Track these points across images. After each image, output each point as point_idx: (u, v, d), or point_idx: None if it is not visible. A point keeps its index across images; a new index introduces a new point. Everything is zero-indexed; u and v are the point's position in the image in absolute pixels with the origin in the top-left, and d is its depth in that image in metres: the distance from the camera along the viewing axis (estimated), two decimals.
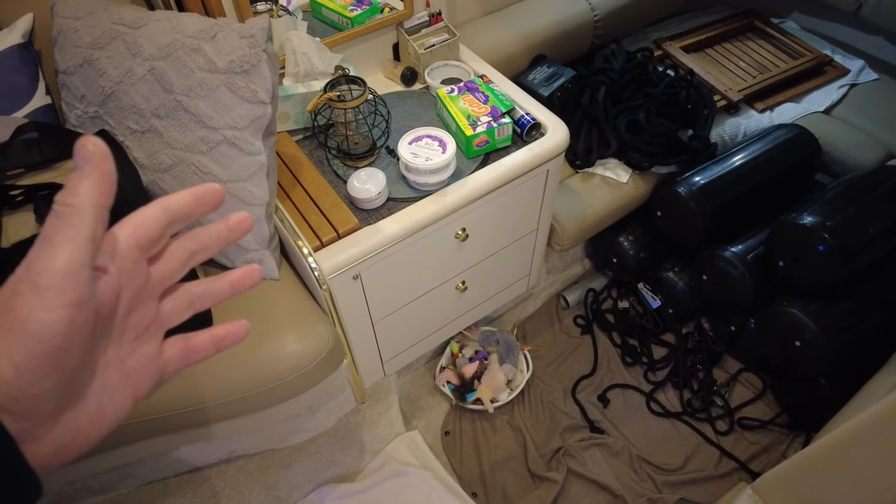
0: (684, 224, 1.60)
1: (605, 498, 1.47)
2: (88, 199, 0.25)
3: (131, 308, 0.29)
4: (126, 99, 1.00)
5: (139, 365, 0.30)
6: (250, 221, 0.33)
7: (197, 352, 0.33)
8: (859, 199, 1.43)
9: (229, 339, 0.34)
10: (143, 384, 0.30)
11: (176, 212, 0.30)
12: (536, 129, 1.28)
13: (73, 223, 0.25)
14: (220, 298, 0.34)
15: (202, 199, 0.31)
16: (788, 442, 1.56)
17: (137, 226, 0.29)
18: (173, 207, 0.30)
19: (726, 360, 1.72)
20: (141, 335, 0.30)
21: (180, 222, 0.30)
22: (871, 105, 1.79)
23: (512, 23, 1.67)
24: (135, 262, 0.29)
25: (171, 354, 0.32)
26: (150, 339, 0.31)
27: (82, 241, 0.25)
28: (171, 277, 0.32)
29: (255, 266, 0.35)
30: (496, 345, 1.68)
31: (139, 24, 1.00)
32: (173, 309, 0.32)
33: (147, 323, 0.30)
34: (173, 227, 0.30)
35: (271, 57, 0.98)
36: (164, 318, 0.32)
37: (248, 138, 1.00)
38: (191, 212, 0.31)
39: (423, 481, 1.44)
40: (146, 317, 0.30)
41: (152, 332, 0.31)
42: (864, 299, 1.42)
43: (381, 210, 1.15)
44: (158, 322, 0.31)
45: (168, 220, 0.30)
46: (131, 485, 1.36)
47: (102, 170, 0.26)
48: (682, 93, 1.65)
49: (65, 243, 0.24)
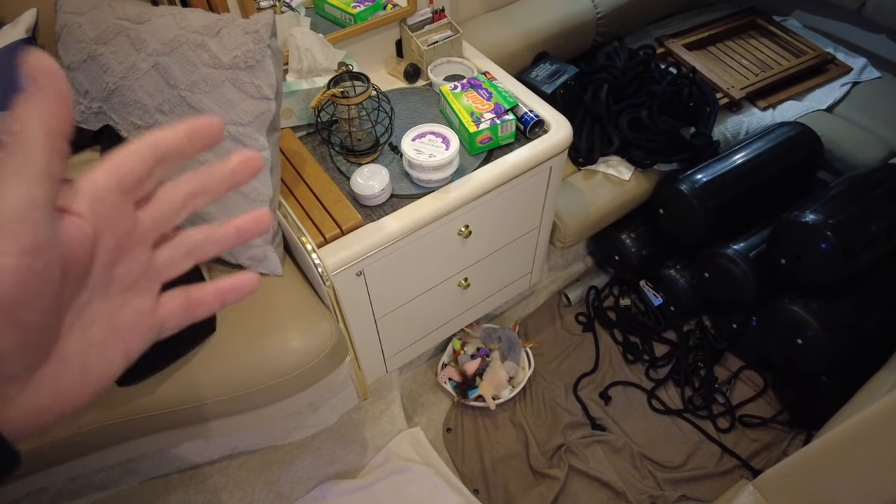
0: (686, 222, 1.60)
1: (607, 495, 1.48)
2: (37, 126, 0.21)
3: (116, 257, 0.26)
4: (130, 94, 1.00)
5: (130, 320, 0.27)
6: (258, 162, 0.30)
7: (199, 305, 0.30)
8: (862, 197, 1.43)
9: (235, 292, 0.31)
10: (137, 341, 0.27)
11: (164, 148, 0.26)
12: (539, 126, 1.28)
13: (21, 155, 0.21)
14: (225, 246, 0.30)
15: (196, 133, 0.27)
16: (790, 439, 1.56)
17: (118, 164, 0.25)
18: (160, 143, 0.26)
19: (728, 357, 1.72)
20: (131, 287, 0.27)
21: (171, 161, 0.27)
22: (874, 103, 1.79)
23: (515, 20, 1.67)
24: (115, 205, 0.25)
25: (170, 308, 0.29)
26: (143, 292, 0.27)
27: (33, 177, 0.21)
28: (166, 223, 0.28)
29: (265, 211, 0.31)
30: (498, 342, 1.69)
31: (143, 19, 1.00)
32: (170, 258, 0.29)
33: (138, 274, 0.27)
34: (163, 167, 0.26)
35: (275, 53, 0.98)
36: (159, 269, 0.28)
37: (252, 134, 1.00)
38: (182, 148, 0.27)
39: (425, 478, 1.45)
40: (136, 267, 0.27)
41: (145, 283, 0.27)
42: (866, 297, 1.43)
43: (384, 207, 1.15)
44: (153, 273, 0.28)
45: (154, 157, 0.26)
46: (134, 481, 1.36)
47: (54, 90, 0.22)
48: (684, 90, 1.65)
49: (12, 180, 0.20)
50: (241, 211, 0.96)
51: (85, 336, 0.25)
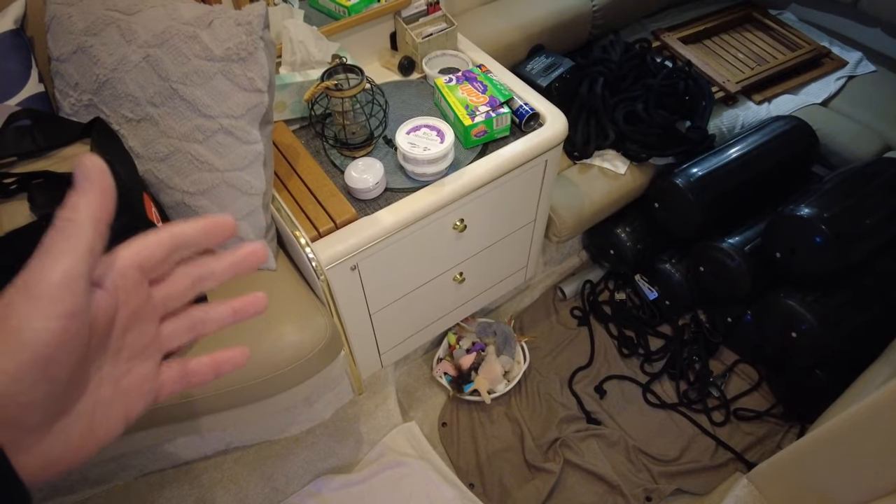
0: (682, 215, 1.60)
1: (602, 488, 1.48)
2: (86, 214, 0.26)
3: (129, 327, 0.29)
4: (121, 87, 0.99)
5: (134, 385, 0.30)
6: (265, 253, 0.34)
7: (194, 375, 0.33)
8: (856, 190, 1.43)
9: (228, 364, 0.34)
10: (136, 404, 0.30)
11: (182, 238, 0.30)
12: (535, 120, 1.28)
13: (71, 235, 0.25)
14: (223, 324, 0.34)
15: (212, 230, 0.31)
16: (784, 432, 1.56)
17: (141, 248, 0.29)
18: (180, 234, 0.30)
19: (723, 351, 1.73)
20: (137, 355, 0.30)
21: (186, 249, 0.31)
22: (869, 97, 1.79)
23: (510, 12, 1.66)
24: (135, 281, 0.29)
25: (168, 377, 0.32)
26: (147, 360, 0.31)
27: (80, 253, 0.25)
28: (175, 300, 0.32)
29: (260, 295, 0.35)
30: (493, 336, 1.68)
31: (133, 10, 0.98)
32: (174, 332, 0.32)
33: (145, 343, 0.30)
34: (179, 253, 0.31)
35: (268, 45, 0.97)
36: (163, 340, 0.32)
37: (245, 127, 0.99)
38: (198, 241, 0.31)
39: (420, 472, 1.45)
40: (144, 337, 0.30)
41: (150, 352, 0.31)
42: (860, 291, 1.43)
43: (378, 200, 1.15)
44: (157, 343, 0.31)
45: (173, 244, 0.30)
46: (128, 476, 1.36)
47: (101, 186, 0.26)
48: (680, 84, 1.64)
49: (62, 255, 0.25)
50: (233, 203, 0.95)
51: (95, 395, 0.28)
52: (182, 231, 0.30)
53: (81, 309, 0.25)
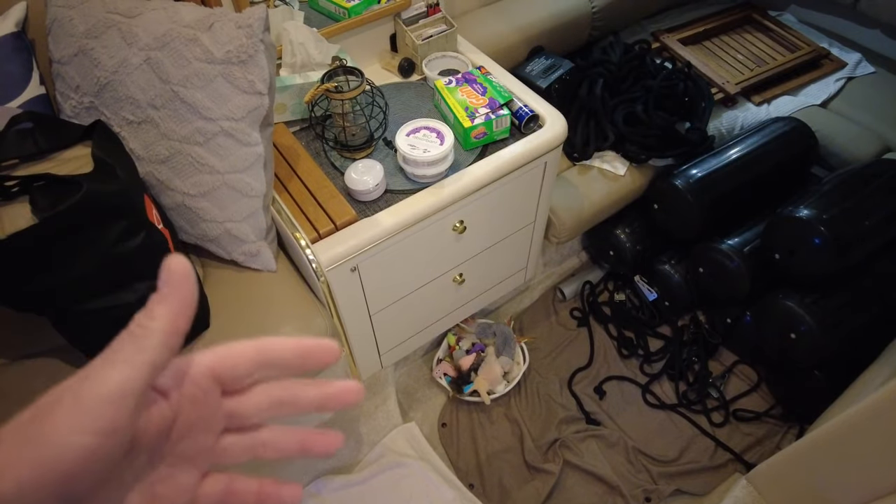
0: (681, 217, 1.60)
1: (601, 489, 1.48)
2: (161, 324, 0.24)
3: (185, 435, 0.27)
4: (122, 89, 0.99)
5: (169, 493, 0.27)
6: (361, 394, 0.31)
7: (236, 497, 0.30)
8: (855, 192, 1.43)
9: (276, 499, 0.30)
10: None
11: (272, 358, 0.28)
12: (534, 121, 1.28)
13: (139, 346, 0.23)
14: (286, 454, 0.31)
15: (311, 355, 0.28)
16: (783, 433, 1.57)
17: (223, 357, 0.27)
18: (271, 352, 0.28)
19: (722, 352, 1.73)
20: (184, 463, 0.28)
21: (276, 369, 0.28)
22: (868, 98, 1.79)
23: (510, 14, 1.66)
24: (205, 391, 0.27)
25: (209, 491, 0.29)
26: (193, 469, 0.28)
27: (141, 366, 0.23)
28: (244, 418, 0.29)
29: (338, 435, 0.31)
30: (493, 337, 1.69)
31: (134, 13, 0.99)
32: (232, 447, 0.29)
33: (195, 453, 0.28)
34: (266, 371, 0.28)
35: (269, 47, 0.97)
36: (217, 453, 0.29)
37: (246, 129, 0.99)
38: (291, 364, 0.28)
39: (420, 473, 1.45)
40: (197, 447, 0.28)
41: (199, 462, 0.28)
42: (859, 292, 1.43)
43: (378, 202, 1.15)
44: (210, 455, 0.29)
45: (261, 361, 0.28)
46: None
47: (183, 293, 0.25)
48: (679, 85, 1.65)
49: (123, 365, 0.23)
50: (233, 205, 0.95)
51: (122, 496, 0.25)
52: (274, 349, 0.28)
53: (123, 427, 0.22)
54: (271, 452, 0.30)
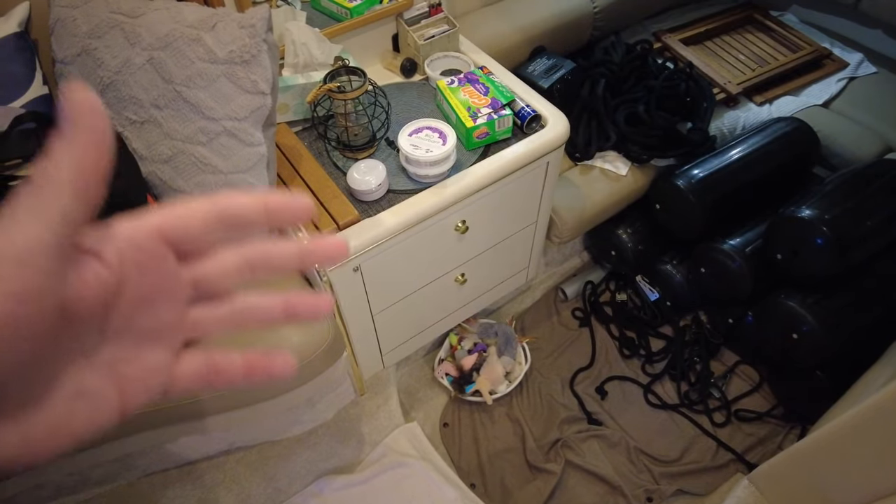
0: (683, 217, 1.60)
1: (603, 489, 1.48)
2: (66, 169, 0.20)
3: (140, 306, 0.24)
4: (125, 89, 1.00)
5: (137, 374, 0.24)
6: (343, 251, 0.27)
7: (221, 375, 0.26)
8: (857, 192, 1.43)
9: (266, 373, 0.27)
10: (137, 397, 0.24)
11: (232, 214, 0.24)
12: (537, 121, 1.28)
13: (44, 198, 0.20)
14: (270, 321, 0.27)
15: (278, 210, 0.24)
16: (784, 434, 1.57)
17: (172, 216, 0.24)
18: (229, 208, 0.24)
19: (724, 352, 1.73)
20: (149, 340, 0.24)
21: (237, 228, 0.24)
22: (870, 98, 1.79)
23: (512, 14, 1.66)
24: (154, 255, 0.23)
25: (187, 370, 0.26)
26: (162, 347, 0.25)
27: (50, 220, 0.20)
28: (212, 284, 0.26)
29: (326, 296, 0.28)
30: (495, 337, 1.69)
31: (137, 13, 0.99)
32: (205, 319, 0.26)
33: (160, 326, 0.25)
34: (225, 230, 0.24)
35: (272, 47, 0.97)
36: (188, 326, 0.26)
37: (249, 129, 0.99)
38: (256, 220, 0.24)
39: (422, 472, 1.45)
40: (161, 319, 0.24)
41: (167, 339, 0.25)
42: (862, 292, 1.43)
43: (381, 202, 1.15)
44: (179, 329, 0.25)
45: (217, 217, 0.24)
46: (131, 476, 1.36)
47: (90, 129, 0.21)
48: (681, 85, 1.65)
49: (28, 221, 0.19)
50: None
51: (79, 382, 0.22)
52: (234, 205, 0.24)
53: (43, 289, 0.19)
54: (252, 321, 0.27)
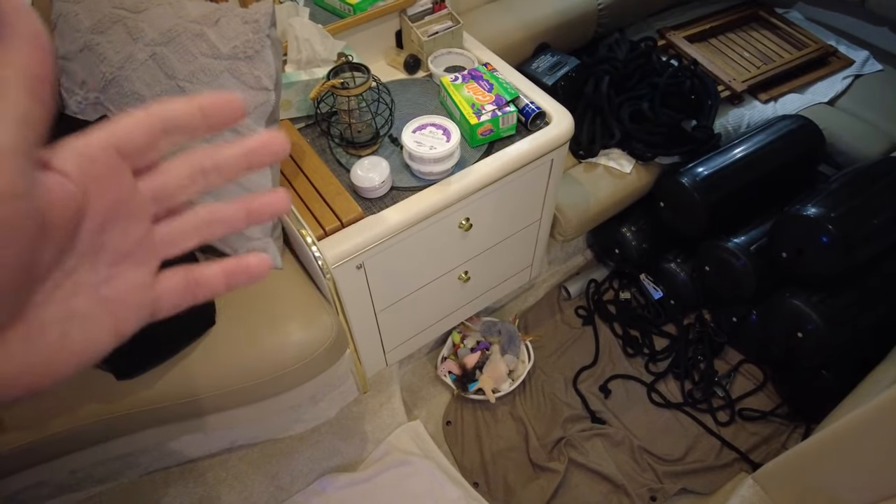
0: (687, 215, 1.59)
1: (607, 488, 1.48)
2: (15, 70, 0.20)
3: (107, 224, 0.24)
4: (128, 85, 0.99)
5: (121, 294, 0.25)
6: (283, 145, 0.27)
7: (202, 286, 0.28)
8: (863, 190, 1.42)
9: (244, 274, 0.29)
10: (128, 317, 0.26)
11: (171, 119, 0.25)
12: (541, 118, 1.27)
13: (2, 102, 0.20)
14: (233, 226, 0.28)
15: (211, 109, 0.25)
16: (789, 433, 1.56)
17: (118, 128, 0.24)
18: (170, 114, 0.25)
19: (727, 351, 1.72)
20: (124, 259, 0.26)
21: (179, 134, 0.25)
22: (876, 96, 1.78)
23: (516, 11, 1.65)
24: (110, 167, 0.24)
25: (168, 286, 0.27)
26: (138, 266, 0.26)
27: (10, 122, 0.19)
28: (170, 196, 0.27)
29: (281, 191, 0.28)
30: (498, 335, 1.68)
31: (140, 8, 0.98)
32: (172, 233, 0.27)
33: (132, 245, 0.26)
34: (169, 137, 0.25)
35: (275, 43, 0.97)
36: (158, 244, 0.27)
37: (252, 125, 0.99)
38: (193, 123, 0.25)
39: (425, 471, 1.45)
40: (130, 237, 0.25)
41: (140, 256, 0.26)
42: (867, 291, 1.42)
43: (384, 199, 1.15)
44: (150, 246, 0.26)
45: (160, 125, 0.25)
46: (133, 474, 1.36)
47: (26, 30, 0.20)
48: (685, 83, 1.64)
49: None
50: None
51: (67, 304, 0.24)
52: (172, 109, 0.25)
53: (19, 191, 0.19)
54: (217, 228, 0.28)
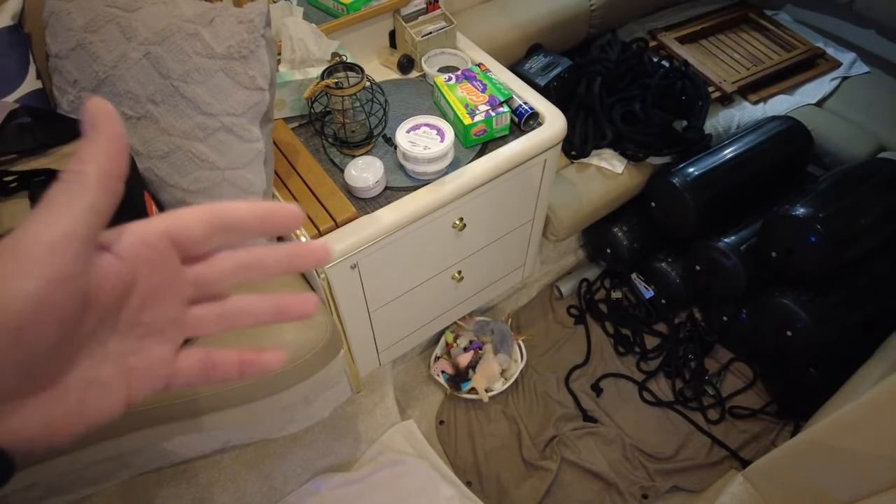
0: (678, 215, 1.61)
1: (599, 486, 1.49)
2: (93, 167, 0.23)
3: (148, 303, 0.27)
4: (121, 84, 0.99)
5: (144, 366, 0.27)
6: (327, 253, 0.30)
7: (217, 369, 0.30)
8: (851, 190, 1.44)
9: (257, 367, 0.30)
10: (142, 388, 0.27)
11: (230, 220, 0.27)
12: (534, 119, 1.28)
13: (74, 191, 0.22)
14: (261, 320, 0.30)
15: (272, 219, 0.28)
16: (778, 430, 1.58)
17: (176, 218, 0.27)
18: (228, 215, 0.27)
19: (718, 349, 1.74)
20: (154, 334, 0.27)
21: (233, 232, 0.27)
22: (863, 98, 1.80)
23: (509, 11, 1.66)
24: (162, 253, 0.26)
25: (186, 365, 0.29)
26: (164, 342, 0.28)
27: (80, 211, 0.22)
28: (211, 285, 0.29)
29: (311, 296, 0.31)
30: (491, 334, 1.69)
31: (134, 7, 0.98)
32: (203, 317, 0.29)
33: (164, 323, 0.28)
34: (223, 234, 0.27)
35: (270, 42, 0.96)
36: (188, 324, 0.29)
37: (246, 125, 0.98)
38: (251, 227, 0.28)
39: (418, 470, 1.45)
40: (165, 316, 0.27)
41: (169, 334, 0.28)
42: (855, 290, 1.44)
43: (378, 199, 1.15)
44: (180, 326, 0.29)
45: (216, 223, 0.27)
46: (125, 475, 1.35)
47: (110, 133, 0.24)
48: (677, 84, 1.65)
49: (60, 212, 0.22)
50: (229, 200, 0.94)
51: (92, 371, 0.25)
52: (231, 212, 0.27)
53: (72, 275, 0.22)
54: (246, 319, 0.30)
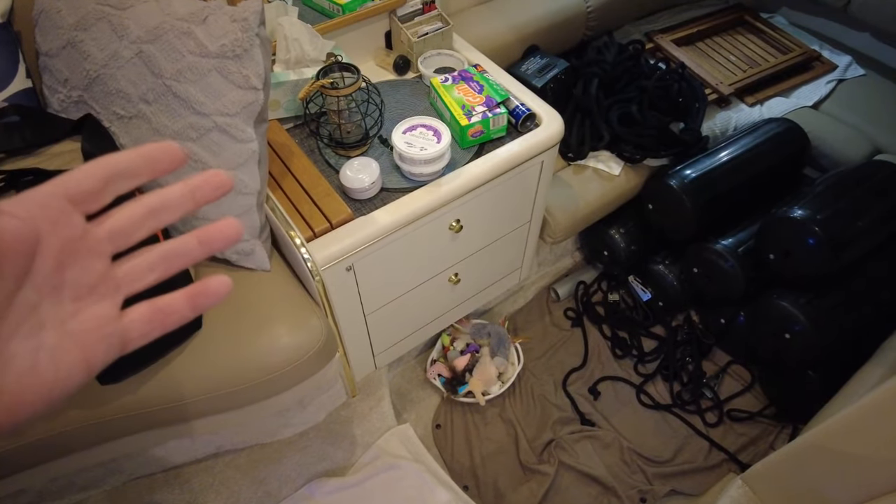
0: (675, 217, 1.60)
1: (597, 490, 1.48)
2: None
3: (65, 262, 0.27)
4: (112, 83, 0.97)
5: (87, 327, 0.28)
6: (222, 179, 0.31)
7: (167, 313, 0.30)
8: (848, 193, 1.44)
9: (206, 296, 0.31)
10: (97, 350, 0.28)
11: (116, 167, 0.28)
12: (531, 120, 1.27)
13: None
14: (190, 258, 0.31)
15: (153, 156, 0.29)
16: (776, 433, 1.57)
17: (67, 178, 0.27)
18: (114, 163, 0.28)
19: (716, 352, 1.73)
20: (86, 295, 0.28)
21: (125, 180, 0.28)
22: (858, 100, 1.81)
23: (505, 12, 1.65)
24: (60, 210, 0.27)
25: (134, 318, 0.29)
26: (102, 300, 0.28)
27: None
28: (125, 236, 0.29)
29: (231, 220, 0.31)
30: (487, 337, 1.68)
31: (125, 5, 0.96)
32: (133, 270, 0.30)
33: (92, 280, 0.28)
34: (115, 184, 0.28)
35: (264, 42, 0.95)
36: (119, 280, 0.29)
37: (240, 125, 0.97)
38: (137, 169, 0.28)
39: (414, 474, 1.43)
40: (89, 274, 0.28)
41: (102, 292, 0.29)
42: (853, 292, 1.44)
43: (374, 200, 1.14)
44: (111, 282, 0.29)
45: (105, 173, 0.28)
46: (117, 481, 1.33)
47: None
48: (673, 86, 1.65)
49: None
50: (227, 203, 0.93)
51: (35, 337, 0.26)
52: (116, 159, 0.28)
53: None
54: (178, 261, 0.30)
